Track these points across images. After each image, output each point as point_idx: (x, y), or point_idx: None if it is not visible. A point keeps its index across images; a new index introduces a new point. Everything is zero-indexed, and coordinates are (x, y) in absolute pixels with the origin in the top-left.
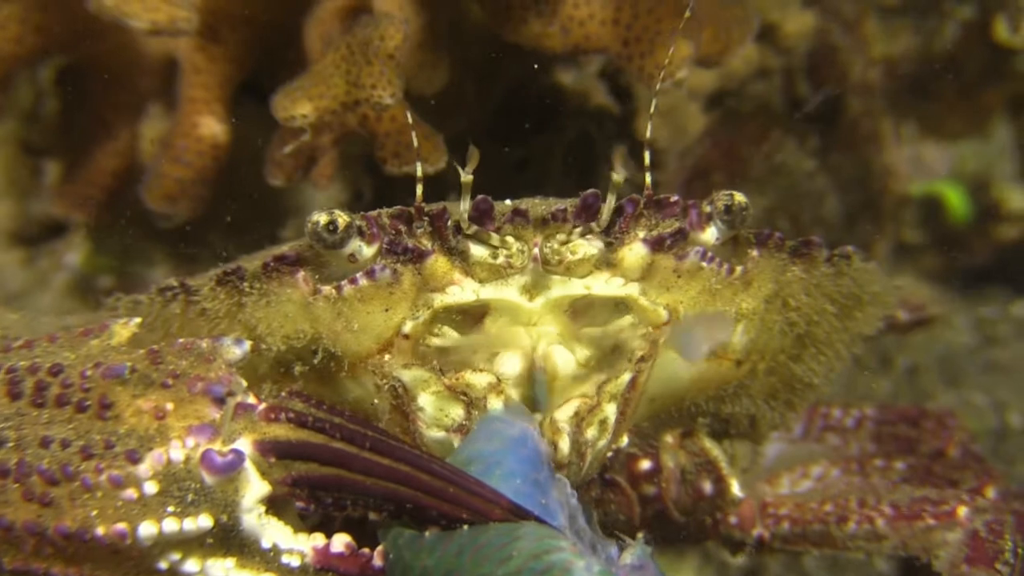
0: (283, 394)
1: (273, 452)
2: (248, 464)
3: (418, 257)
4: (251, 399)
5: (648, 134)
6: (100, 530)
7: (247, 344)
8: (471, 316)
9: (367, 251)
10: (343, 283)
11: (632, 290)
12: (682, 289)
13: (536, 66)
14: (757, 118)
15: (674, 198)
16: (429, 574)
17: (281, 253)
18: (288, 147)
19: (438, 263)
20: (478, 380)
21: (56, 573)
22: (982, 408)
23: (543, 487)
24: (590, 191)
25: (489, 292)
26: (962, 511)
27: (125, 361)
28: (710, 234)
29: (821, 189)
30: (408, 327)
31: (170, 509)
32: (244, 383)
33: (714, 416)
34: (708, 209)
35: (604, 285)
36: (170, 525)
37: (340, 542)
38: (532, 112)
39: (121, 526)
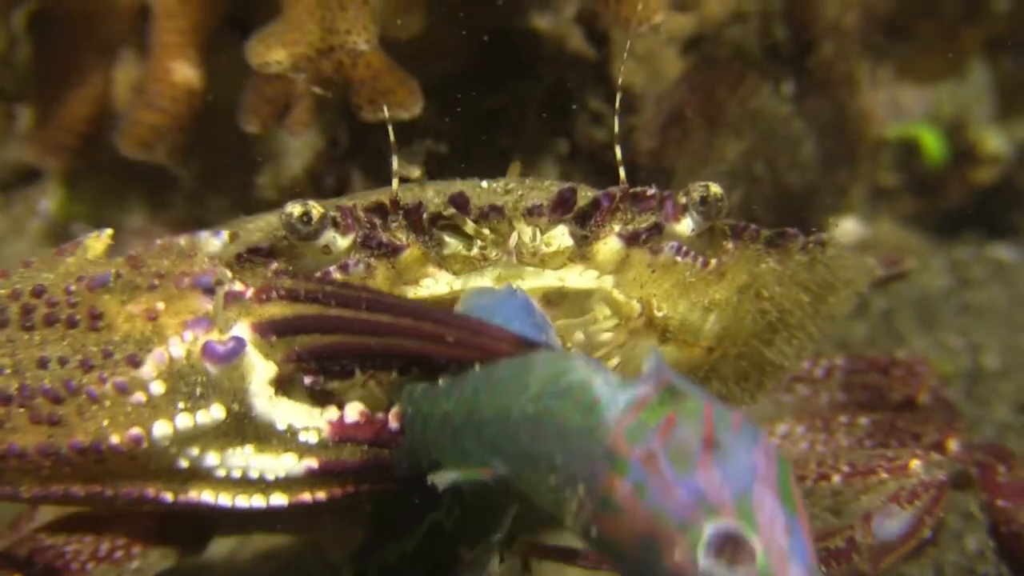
0: (268, 274)
1: (272, 331)
2: (250, 348)
3: (393, 251)
4: (239, 286)
5: (620, 80)
6: (114, 438)
7: (224, 234)
8: (444, 306)
9: (342, 243)
10: (316, 276)
11: (606, 283)
12: (656, 283)
13: (512, 10)
14: (734, 63)
15: (651, 191)
16: (450, 420)
17: (255, 244)
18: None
19: (413, 257)
20: None
21: (76, 492)
22: (957, 350)
23: (541, 328)
24: (567, 186)
25: (463, 284)
26: (914, 464)
27: (107, 269)
28: (685, 225)
29: (798, 134)
30: None
31: (180, 405)
32: (228, 272)
33: None
34: (683, 200)
35: (578, 277)
36: (183, 421)
37: (354, 411)
38: (509, 58)
39: (135, 431)
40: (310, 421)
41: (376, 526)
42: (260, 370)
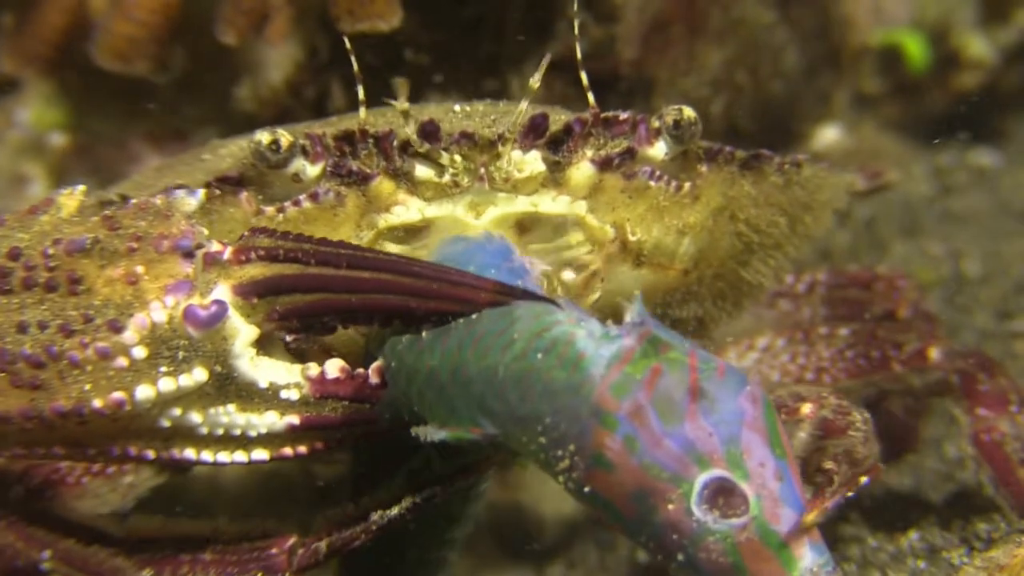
0: (246, 233)
1: (253, 293)
2: (231, 311)
3: (363, 180)
4: (217, 246)
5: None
6: (97, 402)
7: (200, 192)
8: (415, 233)
9: (311, 171)
10: (286, 204)
11: (579, 208)
12: (629, 207)
13: None
14: None
15: (623, 115)
16: (436, 375)
17: (223, 173)
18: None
19: (383, 185)
20: None
21: (58, 451)
22: (939, 257)
23: (519, 273)
24: (538, 112)
25: (434, 210)
26: (806, 408)
27: (83, 233)
28: (659, 149)
29: (781, 41)
30: None
31: (163, 369)
32: (205, 231)
33: (662, 319)
34: (657, 124)
35: (551, 203)
36: (166, 384)
37: (334, 367)
38: None
39: (118, 394)
40: (291, 378)
41: (358, 475)
42: (243, 332)
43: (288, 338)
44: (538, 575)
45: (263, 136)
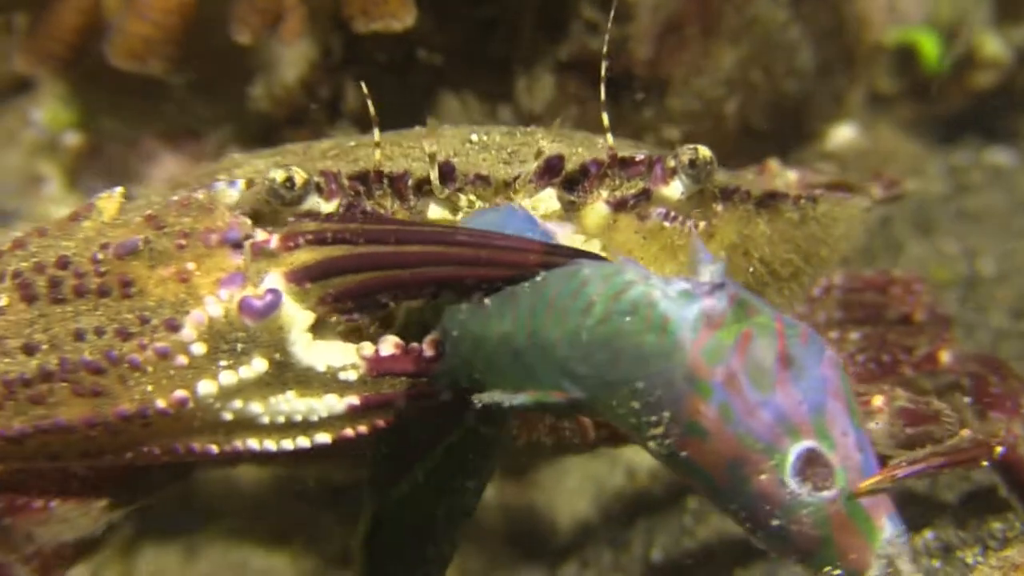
0: (291, 219)
1: (306, 278)
2: (286, 298)
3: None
4: (263, 235)
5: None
6: (160, 403)
7: (240, 183)
8: None
9: (325, 208)
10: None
11: (593, 247)
12: (643, 247)
13: None
14: None
15: (640, 156)
16: (509, 340)
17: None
18: None
19: None
20: None
21: (123, 455)
22: (954, 256)
23: (548, 239)
24: (554, 154)
25: None
26: (878, 400)
27: (130, 235)
28: (674, 188)
29: (795, 40)
30: None
31: (223, 363)
32: (249, 221)
33: None
34: (672, 164)
35: (565, 241)
36: (227, 377)
37: (389, 343)
38: None
39: (180, 393)
40: (347, 359)
41: (383, 461)
42: (299, 318)
43: (342, 318)
44: (551, 574)
45: (277, 174)
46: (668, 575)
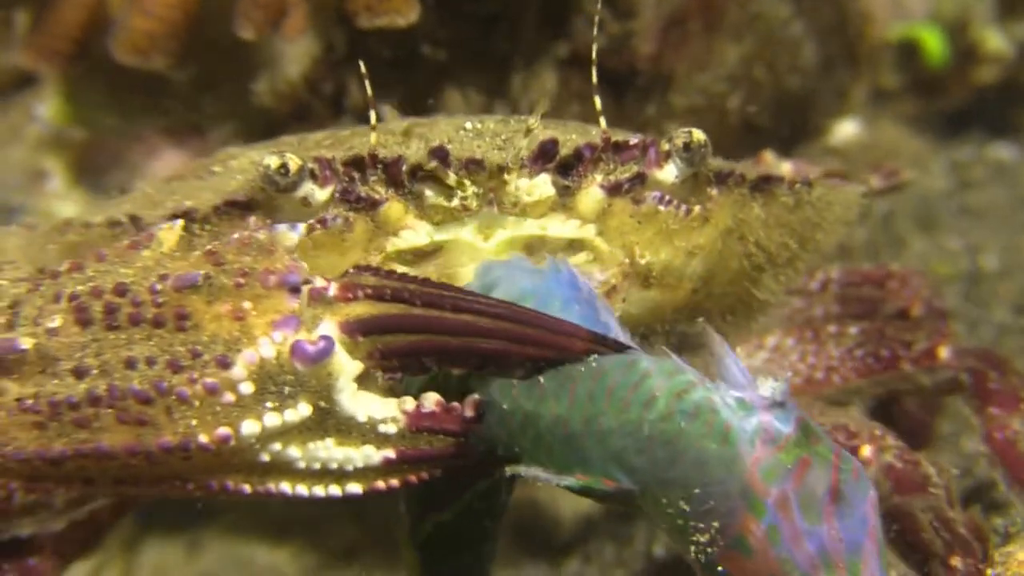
0: (351, 270)
1: (359, 331)
2: (338, 347)
3: (372, 205)
4: (321, 282)
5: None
6: (203, 438)
7: (301, 227)
8: (423, 257)
9: (320, 195)
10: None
11: (588, 232)
12: (638, 231)
13: None
14: None
15: (633, 140)
16: (563, 422)
17: (232, 197)
18: None
19: (392, 209)
20: None
21: (159, 485)
22: (956, 252)
23: (592, 304)
24: (548, 137)
25: (443, 234)
26: (866, 450)
27: (190, 269)
28: (669, 172)
29: (798, 36)
30: None
31: (269, 405)
32: (306, 266)
33: (670, 334)
34: (667, 147)
35: (560, 226)
36: (271, 420)
37: (430, 401)
38: None
39: (224, 430)
40: (388, 412)
41: (417, 500)
42: (348, 368)
43: (387, 376)
44: (554, 570)
45: (271, 160)
46: (670, 570)
